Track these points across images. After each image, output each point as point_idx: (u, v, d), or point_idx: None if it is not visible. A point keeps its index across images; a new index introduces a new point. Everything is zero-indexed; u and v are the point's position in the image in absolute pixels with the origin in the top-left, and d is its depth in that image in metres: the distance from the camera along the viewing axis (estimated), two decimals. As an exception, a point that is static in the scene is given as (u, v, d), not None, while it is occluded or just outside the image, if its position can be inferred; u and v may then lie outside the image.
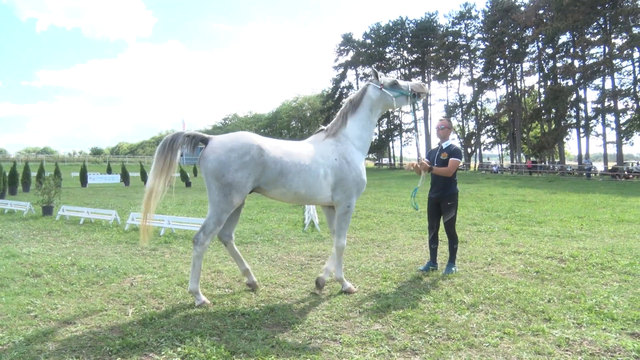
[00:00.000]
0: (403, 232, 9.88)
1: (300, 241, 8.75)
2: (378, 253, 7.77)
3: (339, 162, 5.32)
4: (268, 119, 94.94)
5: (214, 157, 4.79)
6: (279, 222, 10.98)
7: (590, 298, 5.15)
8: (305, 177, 5.11)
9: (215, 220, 4.85)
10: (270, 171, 4.93)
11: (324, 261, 7.03)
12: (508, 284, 5.71)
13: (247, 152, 4.81)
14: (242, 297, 5.22)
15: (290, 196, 5.17)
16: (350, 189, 5.36)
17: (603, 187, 27.50)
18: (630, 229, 10.34)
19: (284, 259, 7.24)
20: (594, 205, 16.15)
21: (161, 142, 4.90)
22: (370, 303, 5.05)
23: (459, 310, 4.79)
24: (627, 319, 4.52)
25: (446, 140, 6.57)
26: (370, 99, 5.68)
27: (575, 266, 6.58)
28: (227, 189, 4.77)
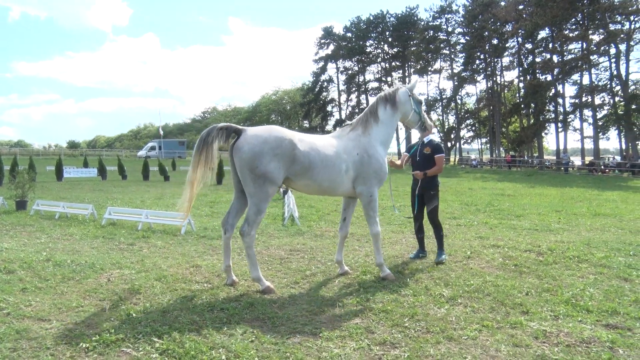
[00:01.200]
0: (382, 225, 9.94)
1: (280, 235, 8.73)
2: (358, 247, 7.80)
3: (360, 157, 5.62)
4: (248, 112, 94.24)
5: (249, 148, 5.01)
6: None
7: (567, 290, 5.27)
8: (330, 172, 5.42)
9: (255, 210, 5.13)
10: (299, 164, 5.20)
11: (303, 255, 7.04)
12: (487, 277, 5.80)
13: (279, 144, 5.07)
14: (221, 292, 5.19)
15: (314, 188, 5.48)
16: (371, 181, 5.68)
17: (580, 181, 28.08)
18: (606, 223, 10.58)
19: (263, 253, 7.22)
20: (572, 199, 16.51)
21: (199, 138, 5.16)
22: (350, 297, 5.07)
23: (438, 304, 4.85)
24: (602, 311, 4.64)
25: (427, 136, 6.69)
26: (399, 100, 6.02)
27: (553, 259, 6.71)
28: (261, 179, 5.02)
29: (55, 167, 25.10)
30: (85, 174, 27.81)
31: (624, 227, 9.97)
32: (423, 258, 6.88)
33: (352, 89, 71.06)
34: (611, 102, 43.50)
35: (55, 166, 24.95)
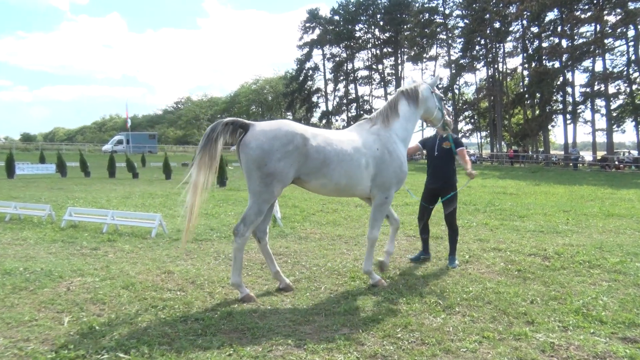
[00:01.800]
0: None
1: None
2: (346, 250, 7.80)
3: (380, 153, 5.65)
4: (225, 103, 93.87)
5: (257, 145, 4.99)
6: (237, 217, 10.87)
7: (577, 299, 5.31)
8: (348, 167, 5.40)
9: (256, 210, 5.11)
10: (312, 161, 5.20)
11: (286, 259, 7.03)
12: (487, 284, 5.84)
13: (290, 140, 5.05)
14: (196, 301, 5.15)
15: (331, 187, 5.45)
16: (390, 180, 5.70)
17: (591, 178, 28.41)
18: (621, 224, 10.70)
19: (243, 257, 7.17)
20: (581, 198, 16.69)
21: (203, 135, 5.11)
22: (338, 305, 5.07)
23: (434, 313, 4.87)
24: (618, 322, 4.65)
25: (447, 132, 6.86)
26: (422, 96, 6.14)
27: (561, 264, 6.78)
28: (269, 178, 5.02)
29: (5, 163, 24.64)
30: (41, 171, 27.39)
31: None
32: (425, 261, 7.00)
33: (339, 78, 71.23)
34: (627, 91, 43.33)
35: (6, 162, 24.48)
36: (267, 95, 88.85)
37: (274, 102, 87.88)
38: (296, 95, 72.81)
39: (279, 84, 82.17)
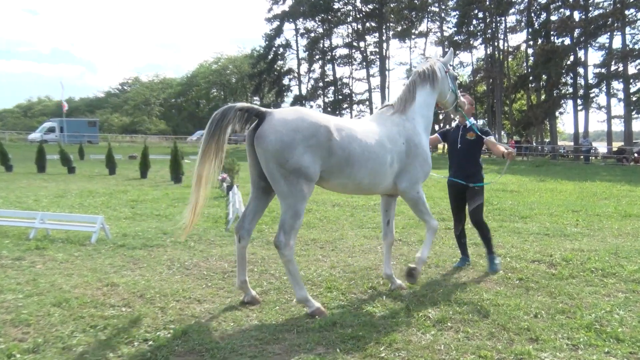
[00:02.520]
0: (353, 229, 9.99)
1: (223, 243, 8.65)
2: (321, 256, 7.81)
3: (406, 147, 5.89)
4: (181, 85, 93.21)
5: (276, 138, 4.99)
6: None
7: (589, 313, 5.37)
8: (373, 166, 5.56)
9: (292, 213, 5.15)
10: (335, 159, 5.28)
11: (252, 268, 7.00)
12: (484, 295, 5.90)
13: (314, 133, 5.11)
14: (145, 318, 5.09)
15: (351, 187, 5.64)
16: (417, 175, 5.98)
17: (605, 173, 28.95)
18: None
19: (201, 265, 7.14)
20: (594, 196, 16.93)
21: (210, 120, 5.15)
22: (312, 320, 5.06)
23: (423, 328, 4.90)
24: (637, 340, 4.69)
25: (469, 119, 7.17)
26: (437, 76, 6.38)
27: (569, 272, 6.87)
28: (294, 176, 5.06)
29: None
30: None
31: (662, 231, 10.21)
32: (469, 266, 7.23)
33: (315, 57, 71.20)
34: None
35: None
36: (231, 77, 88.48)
37: (239, 85, 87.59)
38: (264, 77, 72.48)
39: (245, 63, 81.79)
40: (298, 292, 5.30)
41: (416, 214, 6.23)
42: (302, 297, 5.29)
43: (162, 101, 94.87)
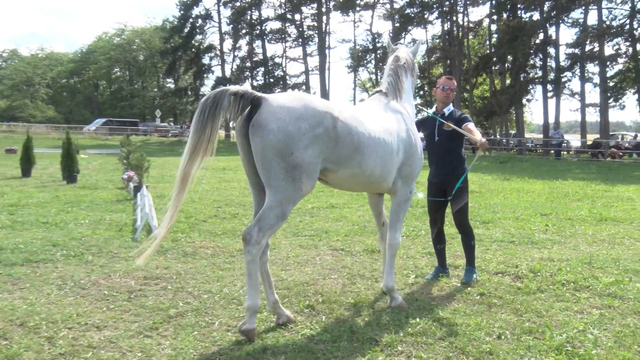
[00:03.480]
0: (286, 238, 10.01)
1: (129, 256, 8.49)
2: (251, 271, 7.79)
3: (407, 135, 6.22)
4: (74, 62, 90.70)
5: (279, 127, 5.02)
6: (93, 227, 10.57)
7: (559, 332, 5.53)
8: (383, 153, 5.79)
9: (279, 212, 5.13)
10: (343, 147, 5.42)
11: (166, 285, 6.93)
12: (440, 313, 6.02)
13: (320, 122, 5.19)
14: (27, 352, 4.93)
15: (362, 179, 5.79)
16: (415, 170, 6.34)
17: (579, 170, 29.71)
18: (617, 232, 11.16)
19: (101, 284, 7.00)
20: (565, 196, 17.36)
21: (199, 108, 5.10)
22: (238, 347, 5.05)
23: (369, 354, 4.96)
24: None
25: (447, 106, 7.51)
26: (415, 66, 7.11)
27: (537, 286, 7.06)
28: (297, 171, 5.10)
29: None
30: None
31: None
32: (444, 277, 7.40)
33: (241, 31, 70.75)
34: (629, 52, 44.44)
35: None
36: (138, 53, 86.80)
37: (148, 63, 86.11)
38: (179, 55, 71.39)
39: (155, 37, 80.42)
40: (251, 299, 5.28)
41: (392, 217, 6.37)
42: (253, 305, 5.29)
43: (50, 81, 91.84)
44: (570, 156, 42.73)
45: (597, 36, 44.15)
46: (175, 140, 63.29)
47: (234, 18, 69.32)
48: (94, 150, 37.28)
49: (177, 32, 70.50)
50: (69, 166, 18.49)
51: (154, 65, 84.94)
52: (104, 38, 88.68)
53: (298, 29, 68.21)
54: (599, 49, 45.09)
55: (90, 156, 31.91)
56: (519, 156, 41.79)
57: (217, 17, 70.38)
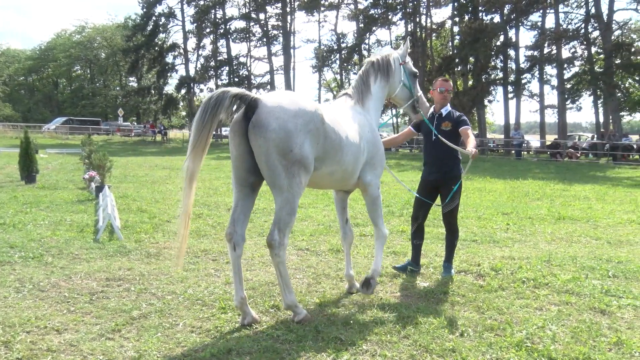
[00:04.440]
0: (251, 238, 10.00)
1: (91, 257, 8.41)
2: (214, 271, 7.78)
3: (371, 135, 6.54)
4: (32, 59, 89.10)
5: (279, 125, 5.30)
6: (53, 228, 10.42)
7: (519, 329, 5.64)
8: (355, 151, 6.17)
9: (289, 209, 5.49)
10: (329, 143, 5.78)
11: (128, 287, 6.88)
12: (403, 311, 6.09)
13: (312, 118, 5.53)
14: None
15: (338, 175, 6.14)
16: (379, 168, 6.68)
17: (538, 170, 30.41)
18: (574, 230, 11.47)
19: (62, 286, 6.91)
20: (526, 196, 17.75)
21: (202, 107, 5.32)
22: (202, 349, 5.04)
23: (334, 353, 4.98)
24: (571, 358, 4.98)
25: (445, 106, 7.72)
26: (391, 68, 7.08)
27: (498, 284, 7.19)
28: (296, 167, 5.42)
29: None
30: None
31: (599, 236, 10.87)
32: (413, 273, 7.69)
33: (205, 30, 70.23)
34: (585, 55, 45.77)
35: None
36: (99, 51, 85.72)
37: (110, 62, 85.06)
38: (142, 53, 70.63)
39: (117, 35, 79.50)
40: (287, 297, 5.68)
41: (371, 215, 6.81)
42: (291, 302, 5.69)
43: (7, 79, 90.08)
44: (530, 156, 43.45)
45: (554, 39, 45.23)
46: (138, 139, 62.75)
47: (197, 17, 68.81)
48: (54, 150, 36.74)
49: (140, 30, 69.76)
50: (27, 166, 18.17)
51: (116, 64, 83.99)
52: (63, 35, 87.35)
53: (263, 28, 68.01)
54: (556, 51, 46.09)
55: (50, 156, 31.47)
56: (481, 156, 42.18)
57: (181, 15, 69.83)
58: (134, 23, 72.32)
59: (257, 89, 67.79)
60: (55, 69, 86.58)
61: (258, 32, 68.98)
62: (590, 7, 44.63)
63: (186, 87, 69.59)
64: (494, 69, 51.81)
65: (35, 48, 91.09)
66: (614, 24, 43.80)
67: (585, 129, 71.29)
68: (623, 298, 6.67)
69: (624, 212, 14.26)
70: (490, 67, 50.90)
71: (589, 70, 45.00)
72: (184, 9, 69.28)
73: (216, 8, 68.59)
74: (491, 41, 48.13)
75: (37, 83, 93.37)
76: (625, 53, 43.68)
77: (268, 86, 67.19)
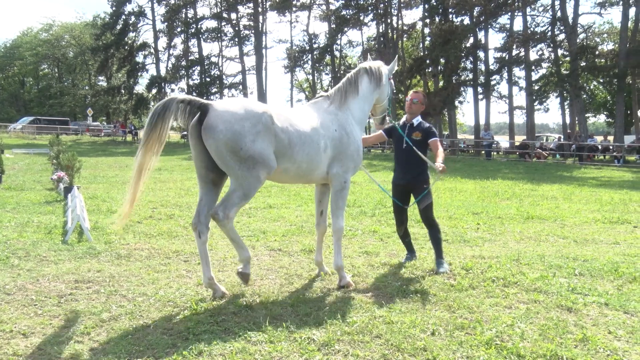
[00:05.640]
0: (224, 238, 9.90)
1: (59, 258, 8.32)
2: (186, 272, 7.75)
3: (339, 134, 7.13)
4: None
5: (226, 127, 6.04)
6: (20, 229, 10.28)
7: (489, 327, 5.71)
8: (309, 150, 6.75)
9: (241, 194, 6.29)
10: (279, 142, 6.42)
11: (98, 289, 6.83)
12: (375, 311, 6.11)
13: (259, 120, 6.22)
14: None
15: (292, 172, 6.76)
16: (348, 164, 7.22)
17: (507, 170, 30.79)
18: (542, 229, 11.67)
19: (29, 289, 6.82)
20: (495, 195, 17.97)
21: (151, 112, 6.15)
22: (174, 350, 5.02)
23: (307, 353, 5.00)
24: (538, 356, 5.06)
25: (416, 117, 8.23)
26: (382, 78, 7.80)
27: (469, 283, 7.26)
28: (250, 162, 6.16)
29: None
30: None
31: (566, 235, 11.07)
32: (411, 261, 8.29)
33: (176, 30, 69.74)
34: (552, 57, 46.68)
35: None
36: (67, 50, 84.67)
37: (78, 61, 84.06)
38: (112, 52, 69.89)
39: (85, 33, 78.60)
40: (241, 254, 6.63)
41: (332, 205, 7.27)
42: (245, 257, 6.64)
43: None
44: (500, 156, 43.95)
45: (522, 41, 46.01)
46: (108, 140, 62.17)
47: (168, 16, 68.30)
48: (20, 150, 36.23)
49: (109, 29, 69.01)
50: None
51: (84, 63, 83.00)
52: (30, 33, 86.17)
53: (234, 28, 67.74)
54: (524, 53, 46.98)
55: (16, 156, 31.03)
56: (451, 156, 42.61)
57: (151, 14, 69.24)
58: (103, 22, 71.52)
59: (229, 89, 67.69)
60: (22, 68, 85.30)
61: (230, 32, 68.71)
62: (556, 10, 45.48)
63: (157, 87, 69.00)
64: (464, 71, 52.30)
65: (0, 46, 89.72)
66: (579, 27, 44.69)
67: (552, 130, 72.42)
68: (588, 295, 6.78)
69: (589, 211, 14.52)
70: (460, 69, 51.35)
71: (556, 72, 45.80)
72: (154, 7, 68.76)
73: (187, 7, 68.23)
74: (461, 43, 48.46)
75: (2, 82, 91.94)
76: (590, 56, 44.87)
77: (240, 86, 66.99)
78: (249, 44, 67.10)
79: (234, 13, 66.93)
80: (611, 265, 8.12)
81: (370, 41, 61.16)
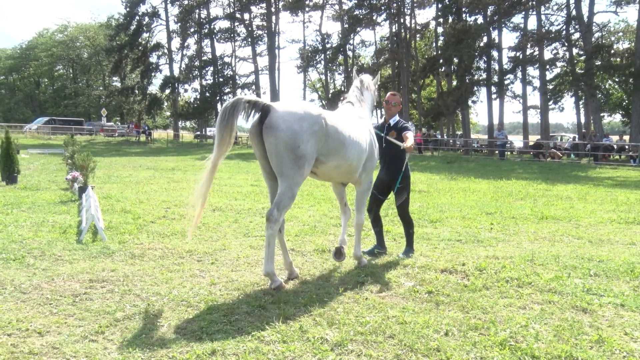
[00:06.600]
0: (237, 238, 9.98)
1: (74, 258, 8.35)
2: (199, 271, 7.75)
3: (370, 137, 7.89)
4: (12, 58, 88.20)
5: (287, 127, 6.52)
6: (35, 229, 10.33)
7: (503, 328, 5.67)
8: (358, 149, 7.44)
9: (289, 195, 6.71)
10: (332, 141, 7.01)
11: (112, 288, 6.84)
12: (389, 312, 6.09)
13: (316, 121, 6.74)
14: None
15: (344, 169, 7.40)
16: (373, 165, 8.04)
17: (521, 170, 30.56)
18: (557, 229, 11.57)
19: (44, 288, 6.85)
20: (509, 196, 17.86)
21: (221, 111, 6.64)
22: (187, 349, 5.02)
23: (320, 353, 4.99)
24: (553, 357, 5.02)
25: (393, 117, 8.85)
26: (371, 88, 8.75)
27: (483, 283, 7.22)
28: (302, 160, 6.63)
29: None
30: None
31: (581, 235, 10.98)
32: (380, 255, 8.72)
33: (189, 30, 70.06)
34: (566, 56, 46.39)
35: None
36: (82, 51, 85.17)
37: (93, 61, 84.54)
38: (126, 53, 70.28)
39: (100, 34, 79.10)
40: (268, 266, 6.79)
41: (356, 202, 8.16)
42: (270, 271, 6.81)
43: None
44: (514, 156, 43.74)
45: (536, 41, 45.69)
46: (122, 140, 62.40)
47: (181, 16, 68.54)
48: (36, 150, 36.40)
49: (123, 29, 69.39)
50: (8, 166, 17.99)
51: (99, 63, 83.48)
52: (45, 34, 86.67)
53: (247, 28, 67.84)
54: (538, 53, 46.67)
55: (31, 156, 31.21)
56: (465, 156, 42.47)
57: (165, 15, 69.60)
58: (117, 22, 71.99)
59: (242, 89, 67.81)
60: (37, 68, 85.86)
61: (243, 32, 68.90)
62: (571, 9, 45.17)
63: (170, 87, 69.35)
64: (477, 70, 52.08)
65: (16, 47, 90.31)
66: (594, 26, 44.45)
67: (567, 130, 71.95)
68: (604, 296, 6.73)
69: (604, 211, 14.40)
70: (473, 68, 51.13)
71: (571, 71, 45.46)
72: (167, 8, 69.14)
73: (200, 8, 68.46)
74: (475, 42, 48.30)
75: (18, 82, 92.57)
76: (605, 55, 44.43)
77: (253, 86, 67.13)
78: (261, 44, 67.26)
79: (246, 13, 67.12)
80: (627, 266, 8.06)
81: (383, 41, 61.17)
